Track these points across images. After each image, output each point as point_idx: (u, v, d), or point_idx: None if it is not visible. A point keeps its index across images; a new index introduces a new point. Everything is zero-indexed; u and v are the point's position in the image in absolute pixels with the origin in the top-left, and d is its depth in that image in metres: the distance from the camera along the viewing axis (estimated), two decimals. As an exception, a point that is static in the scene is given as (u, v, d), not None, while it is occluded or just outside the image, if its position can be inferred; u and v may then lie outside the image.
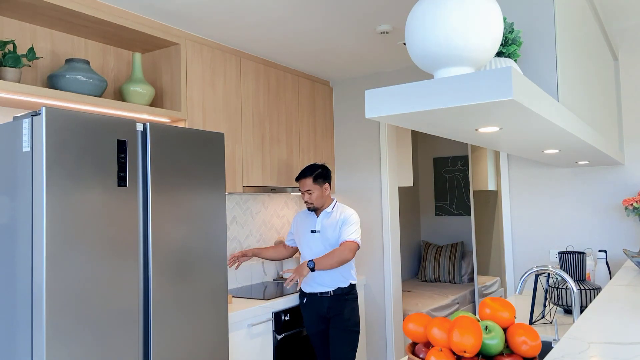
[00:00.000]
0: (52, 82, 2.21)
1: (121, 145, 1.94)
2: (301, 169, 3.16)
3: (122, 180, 1.93)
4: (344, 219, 2.94)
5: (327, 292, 2.87)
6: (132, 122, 1.99)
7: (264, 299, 2.86)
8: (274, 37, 2.87)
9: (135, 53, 2.56)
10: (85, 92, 2.24)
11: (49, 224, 1.71)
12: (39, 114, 1.73)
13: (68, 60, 2.26)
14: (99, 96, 2.32)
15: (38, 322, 1.70)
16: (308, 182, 2.96)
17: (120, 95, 2.59)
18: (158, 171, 2.07)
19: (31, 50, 2.17)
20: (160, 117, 2.60)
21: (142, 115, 2.51)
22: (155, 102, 2.75)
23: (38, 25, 2.35)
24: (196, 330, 2.19)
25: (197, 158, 2.25)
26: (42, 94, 2.07)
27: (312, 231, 2.94)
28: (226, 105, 2.93)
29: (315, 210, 2.97)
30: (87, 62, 2.29)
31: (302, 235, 2.99)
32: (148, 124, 2.04)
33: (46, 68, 2.38)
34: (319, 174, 2.97)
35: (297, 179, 2.98)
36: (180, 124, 2.67)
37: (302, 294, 2.96)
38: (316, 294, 2.88)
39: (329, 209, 2.96)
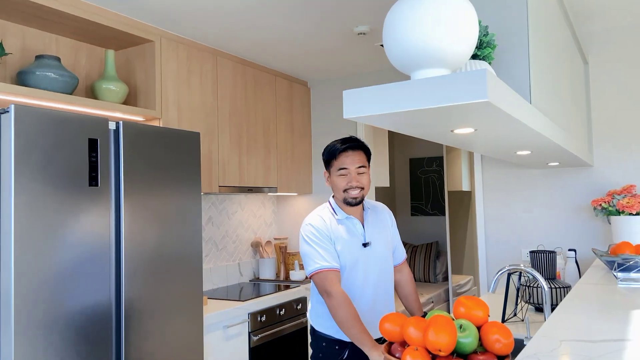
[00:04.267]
0: (21, 78, 2.15)
1: (93, 144, 1.90)
2: (339, 140, 1.95)
3: (93, 180, 1.89)
4: (393, 220, 2.08)
5: (380, 339, 1.89)
6: (104, 121, 1.95)
7: (240, 300, 2.84)
8: (251, 36, 2.85)
9: (108, 50, 2.51)
10: (56, 89, 2.18)
11: (17, 225, 1.66)
12: (8, 111, 1.68)
13: (38, 57, 2.20)
14: (70, 94, 2.27)
15: (6, 325, 1.65)
16: (362, 156, 1.93)
17: (92, 93, 2.53)
18: (131, 171, 2.03)
19: (0, 46, 2.10)
20: (134, 116, 2.55)
21: (114, 113, 2.47)
22: (129, 101, 2.70)
23: (8, 21, 2.28)
24: (170, 333, 2.16)
25: (172, 158, 2.22)
26: (11, 91, 2.01)
27: (364, 245, 1.93)
28: (202, 104, 2.90)
29: (357, 204, 1.92)
30: (58, 59, 2.23)
31: (351, 252, 1.91)
32: (121, 122, 2.01)
33: (16, 64, 2.31)
34: (370, 152, 1.98)
35: (344, 149, 1.90)
36: (155, 123, 2.63)
37: (337, 343, 1.90)
38: None
39: (365, 208, 2.02)
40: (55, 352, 1.74)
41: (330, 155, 1.93)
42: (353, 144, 1.91)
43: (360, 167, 1.90)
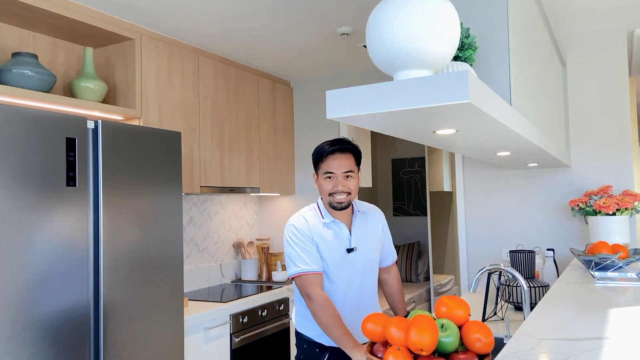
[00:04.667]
0: (-5, 76, 2.10)
1: (70, 144, 1.86)
2: (328, 141, 1.89)
3: (71, 180, 1.85)
4: (385, 224, 2.03)
5: (365, 342, 1.79)
6: (82, 119, 1.91)
7: (221, 301, 2.82)
8: (233, 34, 2.83)
9: (86, 48, 2.47)
10: (33, 87, 2.14)
11: (-8, 226, 1.62)
12: (-19, 109, 1.64)
13: (15, 54, 2.15)
14: (48, 92, 2.22)
15: (-21, 329, 1.61)
16: (351, 160, 1.87)
17: (70, 92, 2.48)
18: (110, 171, 2.00)
19: (-27, 41, 2.05)
20: (113, 115, 2.51)
21: (93, 112, 2.42)
22: (108, 99, 2.65)
23: (-19, 16, 2.23)
24: (150, 335, 2.13)
25: (152, 157, 2.19)
26: (-15, 88, 1.96)
27: (349, 250, 1.89)
28: (184, 104, 2.86)
29: (343, 209, 1.87)
30: (35, 56, 2.18)
31: (334, 256, 1.87)
32: (100, 121, 1.97)
33: (-11, 61, 2.26)
34: (360, 154, 1.92)
35: (331, 151, 1.84)
36: (135, 122, 2.59)
37: (317, 346, 1.88)
38: None
39: (355, 211, 1.96)
40: (31, 356, 1.70)
41: (317, 157, 1.88)
42: (341, 146, 1.85)
43: (347, 171, 1.84)
